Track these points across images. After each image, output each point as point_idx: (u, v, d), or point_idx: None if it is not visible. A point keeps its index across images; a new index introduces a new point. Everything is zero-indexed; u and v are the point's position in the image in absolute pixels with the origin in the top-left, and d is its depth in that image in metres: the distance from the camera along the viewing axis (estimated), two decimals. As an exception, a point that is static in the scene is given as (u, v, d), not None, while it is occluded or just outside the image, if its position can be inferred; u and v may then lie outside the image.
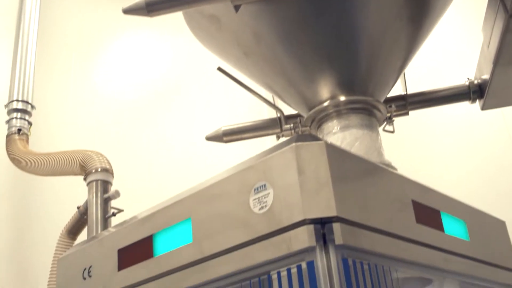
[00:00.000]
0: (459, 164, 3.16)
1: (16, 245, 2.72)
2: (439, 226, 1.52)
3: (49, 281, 2.21)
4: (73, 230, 2.22)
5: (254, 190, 1.25)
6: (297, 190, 1.18)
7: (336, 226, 1.16)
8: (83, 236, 2.21)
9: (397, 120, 2.09)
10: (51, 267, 2.23)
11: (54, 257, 2.22)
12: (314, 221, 1.16)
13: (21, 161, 2.56)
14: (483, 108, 2.32)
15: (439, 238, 1.50)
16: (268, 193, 1.22)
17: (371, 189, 1.33)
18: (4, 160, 2.71)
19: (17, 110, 2.80)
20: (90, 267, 1.68)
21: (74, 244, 2.23)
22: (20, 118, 2.79)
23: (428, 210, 1.51)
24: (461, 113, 3.23)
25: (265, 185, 1.24)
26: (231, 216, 1.30)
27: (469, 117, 3.23)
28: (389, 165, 1.69)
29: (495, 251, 1.77)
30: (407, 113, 2.24)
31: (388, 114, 2.00)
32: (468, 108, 2.57)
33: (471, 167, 3.08)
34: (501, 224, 1.88)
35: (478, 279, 1.65)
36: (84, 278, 1.68)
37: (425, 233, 1.45)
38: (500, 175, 3.02)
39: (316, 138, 1.26)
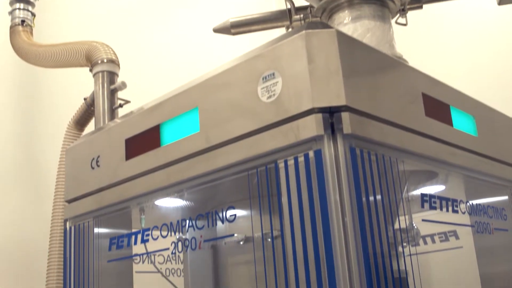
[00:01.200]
0: (471, 60, 3.11)
1: (24, 137, 2.74)
2: (448, 120, 1.51)
3: (58, 172, 2.24)
4: (81, 121, 2.23)
5: (263, 78, 1.23)
6: (306, 78, 1.16)
7: (345, 115, 1.15)
8: (90, 127, 2.21)
9: (410, 13, 2.03)
10: (60, 158, 2.26)
11: (62, 148, 2.24)
12: (322, 110, 1.15)
13: (26, 53, 2.52)
14: (500, 3, 2.24)
15: (447, 132, 1.49)
16: (277, 82, 1.20)
17: (382, 80, 1.31)
18: (9, 52, 2.67)
19: (19, 0, 2.73)
20: (98, 157, 1.69)
21: (81, 135, 2.24)
22: (23, 9, 2.73)
23: (437, 104, 1.49)
24: (476, 8, 3.13)
25: (273, 74, 1.21)
26: (238, 105, 1.28)
27: (484, 12, 3.14)
28: (400, 57, 1.65)
29: (502, 148, 1.77)
30: (421, 6, 2.16)
31: (402, 6, 1.93)
32: (484, 3, 2.49)
33: (483, 64, 3.03)
34: (509, 121, 1.87)
35: (483, 175, 1.66)
36: (93, 168, 1.70)
37: (434, 126, 1.43)
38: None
39: (327, 26, 1.22)
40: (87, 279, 1.72)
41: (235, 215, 1.34)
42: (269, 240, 1.32)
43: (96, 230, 1.73)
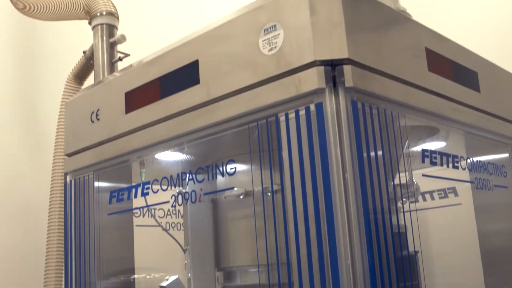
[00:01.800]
0: (476, 16, 3.06)
1: (24, 91, 2.72)
2: (451, 76, 1.50)
3: (58, 125, 2.23)
4: (80, 75, 2.21)
5: (264, 30, 1.21)
6: (309, 30, 1.14)
7: (347, 69, 1.13)
8: (90, 81, 2.20)
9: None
10: (59, 112, 2.25)
11: (61, 101, 2.22)
12: (324, 63, 1.13)
13: (23, 5, 2.48)
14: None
15: (450, 87, 1.48)
16: (278, 34, 1.18)
17: (385, 33, 1.29)
18: (6, 5, 2.63)
19: (16, -49, 2.67)
20: (98, 110, 1.68)
21: (81, 89, 2.22)
22: (20, -40, 2.67)
23: (440, 59, 1.47)
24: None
25: (275, 26, 1.19)
26: (239, 58, 1.27)
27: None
28: (404, 11, 1.62)
29: (504, 105, 1.76)
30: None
31: (406, -41, 1.89)
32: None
33: (488, 19, 2.99)
34: (513, 79, 1.85)
35: (484, 131, 1.65)
36: (92, 121, 1.69)
37: (436, 81, 1.42)
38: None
39: (330, -23, 1.19)
40: (88, 232, 1.73)
41: (235, 168, 1.34)
42: (269, 194, 1.32)
43: (96, 184, 1.74)
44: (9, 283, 2.49)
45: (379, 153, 1.20)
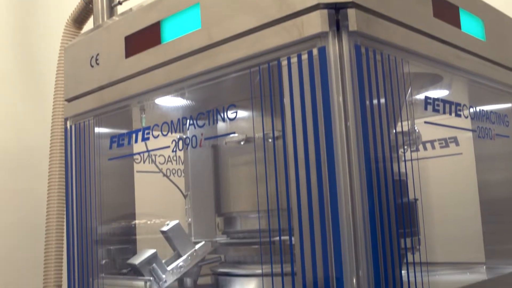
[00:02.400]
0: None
1: (22, 36, 2.69)
2: (456, 22, 1.47)
3: (57, 70, 2.21)
4: (79, 19, 2.17)
5: (267, -28, 1.18)
6: (312, -28, 1.11)
7: (351, 12, 1.11)
8: (89, 25, 2.16)
9: None
10: (59, 57, 2.22)
11: (61, 46, 2.19)
12: (328, 6, 1.11)
13: None
14: None
15: (455, 34, 1.45)
16: (281, -24, 1.16)
17: (390, -23, 1.26)
18: None
19: None
20: (98, 55, 1.66)
21: (80, 33, 2.19)
22: None
23: (446, 5, 1.44)
24: None
25: (278, -33, 1.16)
26: (241, 1, 1.24)
27: None
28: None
29: (509, 54, 1.73)
30: None
31: None
32: None
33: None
34: (519, 27, 1.82)
35: (488, 80, 1.63)
36: (92, 66, 1.67)
37: (441, 27, 1.40)
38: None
39: None
40: (89, 178, 1.73)
41: (236, 112, 1.33)
42: (270, 140, 1.32)
43: (96, 129, 1.73)
44: (12, 228, 2.52)
45: (382, 99, 1.19)
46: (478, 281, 1.57)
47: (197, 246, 1.63)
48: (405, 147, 1.47)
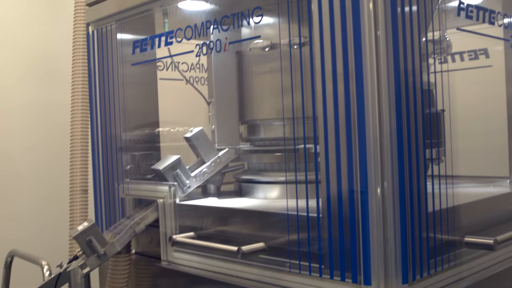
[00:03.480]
0: None
1: None
2: None
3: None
4: None
5: None
6: None
7: None
8: None
9: None
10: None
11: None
12: None
13: None
14: None
15: None
16: None
17: None
18: None
19: None
20: (119, -44, 1.61)
21: None
22: None
23: None
24: None
25: None
26: None
27: None
28: None
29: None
30: None
31: None
32: None
33: None
34: None
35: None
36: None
37: None
38: None
39: None
40: (112, 85, 1.73)
41: (261, 16, 1.28)
42: (296, 47, 1.28)
43: (119, 36, 1.70)
44: (36, 133, 2.55)
45: (414, 7, 1.14)
46: (501, 194, 1.57)
47: (220, 153, 1.64)
48: (435, 55, 1.43)
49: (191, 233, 1.47)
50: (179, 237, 1.46)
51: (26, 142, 2.53)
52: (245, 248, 1.25)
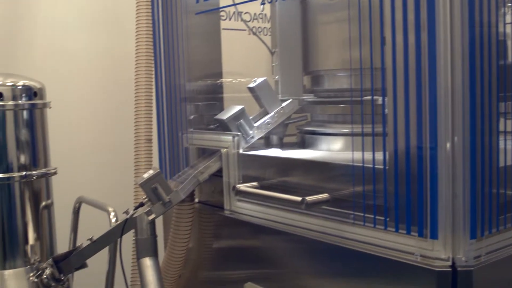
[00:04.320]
0: None
1: None
2: None
3: None
4: None
5: None
6: None
7: None
8: None
9: None
10: None
11: None
12: None
13: None
14: None
15: None
16: None
17: None
18: None
19: None
20: None
21: None
22: None
23: None
24: None
25: None
26: None
27: None
28: None
29: None
30: None
31: None
32: None
33: None
34: None
35: None
36: None
37: None
38: None
39: None
40: (176, 36, 1.73)
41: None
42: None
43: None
44: (101, 83, 2.60)
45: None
46: None
47: (284, 104, 1.63)
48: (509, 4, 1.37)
49: (255, 183, 1.48)
50: (242, 187, 1.47)
51: (91, 92, 2.58)
52: (309, 198, 1.25)
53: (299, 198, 1.26)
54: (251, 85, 1.62)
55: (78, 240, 2.06)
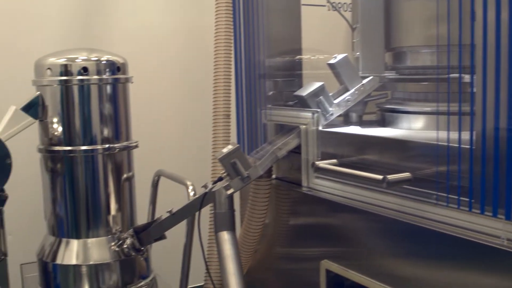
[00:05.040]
0: None
1: None
2: None
3: None
4: None
5: None
6: None
7: None
8: None
9: None
10: None
11: None
12: None
13: None
14: None
15: None
16: None
17: None
18: None
19: None
20: None
21: None
22: None
23: None
24: None
25: None
26: None
27: None
28: None
29: None
30: None
31: None
32: None
33: None
34: None
35: None
36: None
37: None
38: None
39: None
40: (256, 11, 1.72)
41: None
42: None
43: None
44: (180, 58, 2.63)
45: None
46: None
47: (364, 81, 1.61)
48: None
49: (333, 160, 1.47)
50: (322, 164, 1.46)
51: (171, 67, 2.62)
52: (390, 177, 1.23)
53: (380, 177, 1.24)
54: (332, 61, 1.60)
55: (156, 212, 2.11)
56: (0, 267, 1.80)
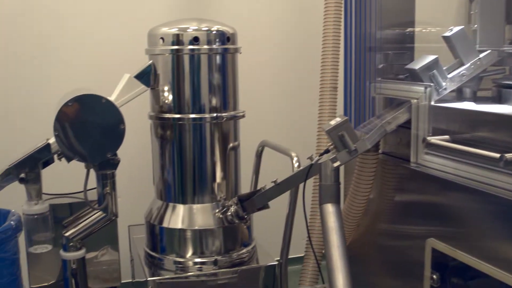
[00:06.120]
0: None
1: None
2: None
3: None
4: None
5: None
6: None
7: None
8: None
9: None
10: None
11: None
12: None
13: None
14: None
15: None
16: None
17: None
18: None
19: None
20: None
21: None
22: None
23: None
24: None
25: None
26: None
27: None
28: None
29: None
30: None
31: None
32: None
33: None
34: None
35: None
36: None
37: None
38: None
39: None
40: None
41: None
42: None
43: None
44: (285, 28, 2.63)
45: None
46: None
47: (481, 55, 1.53)
48: None
49: (446, 136, 1.42)
50: (434, 139, 1.42)
51: (280, 38, 2.63)
52: (508, 155, 1.18)
53: (497, 155, 1.19)
54: (447, 34, 1.54)
55: (259, 182, 2.14)
56: (111, 227, 1.89)
